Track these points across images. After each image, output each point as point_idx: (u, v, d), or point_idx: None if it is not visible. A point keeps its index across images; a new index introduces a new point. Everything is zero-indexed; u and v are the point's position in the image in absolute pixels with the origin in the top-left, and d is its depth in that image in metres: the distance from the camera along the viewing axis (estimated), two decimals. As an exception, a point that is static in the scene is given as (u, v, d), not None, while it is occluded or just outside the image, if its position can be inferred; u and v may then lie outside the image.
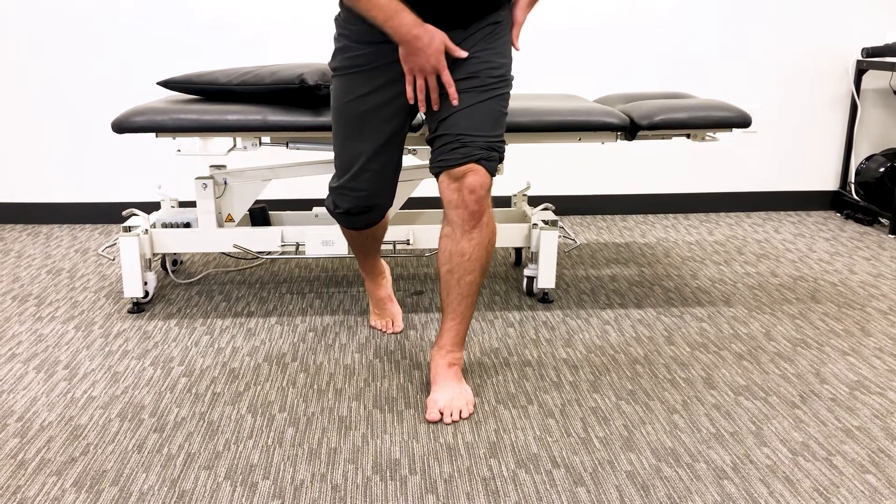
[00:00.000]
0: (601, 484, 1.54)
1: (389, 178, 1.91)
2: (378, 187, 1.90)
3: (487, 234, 1.77)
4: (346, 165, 1.89)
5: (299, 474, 1.57)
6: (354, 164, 1.87)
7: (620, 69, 3.40)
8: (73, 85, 3.25)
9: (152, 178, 3.38)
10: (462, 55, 1.71)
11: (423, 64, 1.68)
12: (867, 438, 1.71)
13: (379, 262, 2.23)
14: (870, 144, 3.61)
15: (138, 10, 3.18)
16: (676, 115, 2.27)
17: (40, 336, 2.21)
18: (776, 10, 3.40)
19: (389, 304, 2.28)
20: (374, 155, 1.85)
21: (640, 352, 2.13)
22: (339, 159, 1.91)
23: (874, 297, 2.54)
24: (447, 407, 1.77)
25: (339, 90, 1.85)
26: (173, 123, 2.17)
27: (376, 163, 1.86)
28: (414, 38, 1.64)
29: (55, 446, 1.66)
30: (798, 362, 2.07)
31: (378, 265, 2.23)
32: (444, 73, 1.69)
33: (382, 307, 2.28)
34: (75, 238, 3.17)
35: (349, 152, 1.87)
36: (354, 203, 1.92)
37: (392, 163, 1.89)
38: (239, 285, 2.62)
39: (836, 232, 3.30)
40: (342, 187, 1.91)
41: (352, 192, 1.91)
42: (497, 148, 1.74)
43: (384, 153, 1.86)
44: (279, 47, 3.25)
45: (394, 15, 1.61)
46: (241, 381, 1.95)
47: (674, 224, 3.41)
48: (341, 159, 1.90)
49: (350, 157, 1.87)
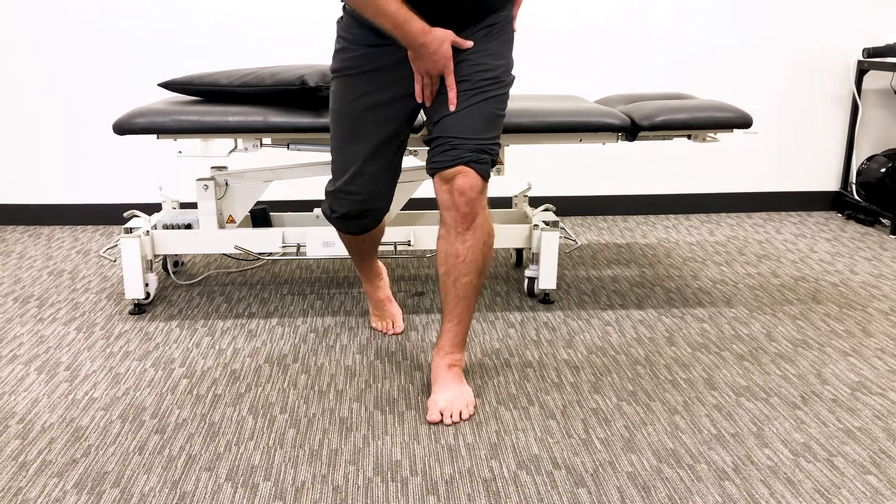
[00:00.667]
0: (602, 485, 1.54)
1: (387, 182, 1.90)
2: (375, 191, 1.89)
3: (482, 237, 1.76)
4: (343, 168, 1.88)
5: (300, 476, 1.57)
6: (351, 167, 1.86)
7: (621, 70, 3.40)
8: (74, 86, 3.25)
9: (153, 179, 3.38)
10: (468, 45, 1.73)
11: (429, 68, 1.70)
12: (868, 439, 1.71)
13: (376, 264, 2.23)
14: (871, 145, 3.60)
15: (140, 11, 3.18)
16: (677, 115, 2.27)
17: (42, 337, 2.22)
18: (777, 11, 3.40)
19: (389, 305, 2.28)
20: (370, 157, 1.85)
21: (641, 353, 2.13)
22: (335, 162, 1.90)
23: (875, 298, 2.54)
24: (447, 408, 1.77)
25: (337, 92, 1.85)
26: (174, 125, 2.17)
27: (373, 165, 1.86)
28: (421, 46, 1.66)
29: (56, 448, 1.66)
30: (799, 363, 2.07)
31: (375, 267, 2.23)
32: (448, 76, 1.71)
33: (382, 308, 2.28)
34: (77, 239, 3.17)
35: (346, 154, 1.87)
36: (350, 207, 1.91)
37: (389, 166, 1.88)
38: (240, 286, 2.62)
39: (837, 232, 3.30)
40: (338, 191, 1.90)
41: (348, 196, 1.90)
42: (488, 150, 1.73)
43: (381, 155, 1.86)
44: (280, 49, 3.25)
45: (402, 23, 1.62)
46: (243, 382, 1.95)
47: (675, 225, 3.41)
48: (338, 162, 1.89)
49: (347, 159, 1.87)
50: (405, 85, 1.79)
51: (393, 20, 1.62)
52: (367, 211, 1.93)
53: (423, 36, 1.65)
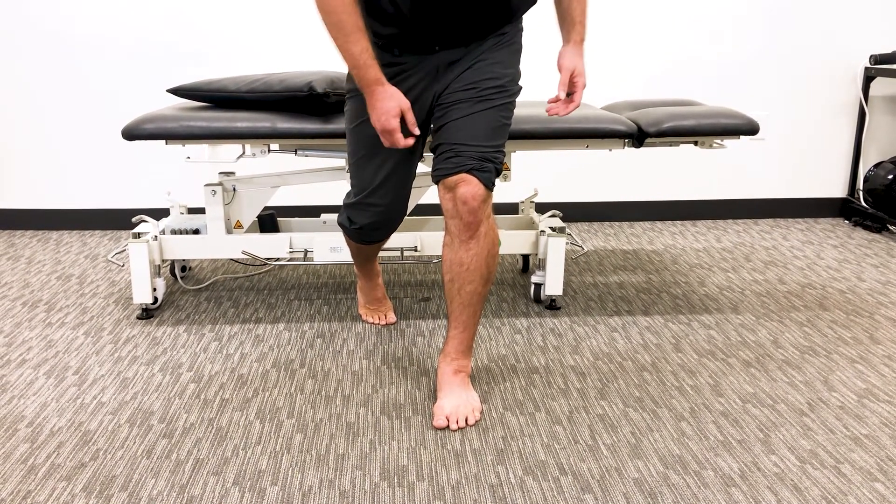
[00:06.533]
0: (609, 491, 1.54)
1: (405, 192, 1.95)
2: (394, 202, 1.94)
3: (486, 245, 1.76)
4: (363, 185, 1.93)
5: (307, 480, 1.57)
6: (372, 182, 1.91)
7: (628, 76, 3.41)
8: (82, 92, 3.27)
9: (162, 184, 3.39)
10: (416, 132, 1.72)
11: (374, 120, 1.70)
12: (875, 446, 1.70)
13: (376, 264, 2.31)
14: (878, 151, 3.60)
15: (148, 17, 3.20)
16: (684, 122, 2.28)
17: (50, 342, 2.23)
18: (783, 18, 3.40)
19: (384, 301, 2.37)
20: (390, 172, 1.89)
21: (647, 359, 2.13)
22: (354, 178, 1.95)
23: (883, 305, 2.53)
24: (453, 413, 1.77)
25: (352, 111, 1.89)
26: (183, 131, 2.18)
27: (393, 178, 1.90)
28: (368, 95, 1.68)
29: (65, 452, 1.67)
30: (806, 370, 2.07)
31: (375, 266, 2.30)
32: (395, 134, 1.69)
33: (378, 304, 2.35)
34: (85, 244, 3.19)
35: (365, 171, 1.91)
36: (372, 218, 1.97)
37: (408, 178, 1.93)
38: (247, 291, 2.63)
39: (844, 239, 3.29)
40: (359, 203, 1.95)
41: (370, 208, 1.95)
42: (492, 158, 1.72)
43: (400, 169, 1.90)
44: (288, 55, 3.26)
45: (360, 67, 1.64)
46: (250, 387, 1.96)
47: (681, 231, 3.41)
48: (357, 178, 1.94)
49: (366, 175, 1.91)
50: (419, 103, 1.81)
51: (354, 61, 1.64)
52: (387, 220, 1.98)
53: (374, 86, 1.66)
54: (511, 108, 1.79)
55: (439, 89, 1.79)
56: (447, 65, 1.77)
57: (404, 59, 1.77)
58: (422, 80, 1.79)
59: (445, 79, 1.78)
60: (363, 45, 1.63)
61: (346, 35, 1.61)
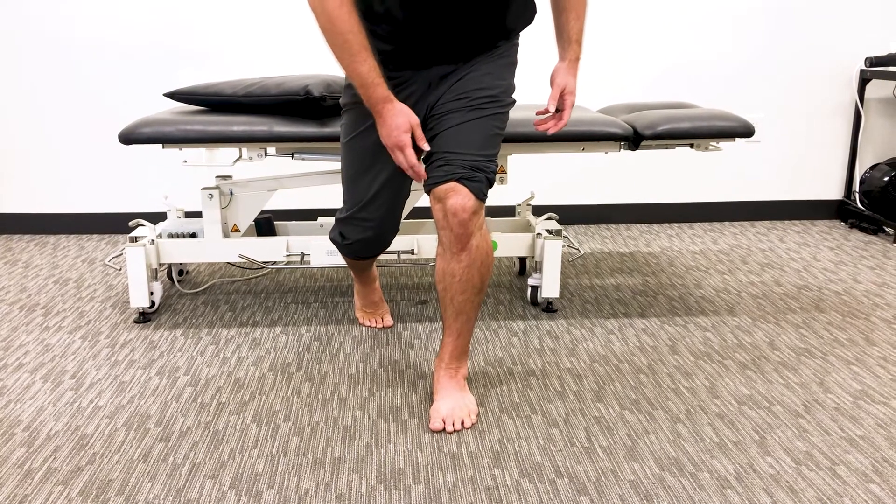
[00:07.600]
0: (604, 493, 1.55)
1: (398, 207, 1.95)
2: (387, 217, 1.94)
3: (479, 257, 1.73)
4: (356, 199, 1.93)
5: (304, 483, 1.58)
6: (364, 196, 1.91)
7: (623, 79, 3.41)
8: (79, 96, 3.27)
9: (158, 188, 3.40)
10: (426, 148, 1.71)
11: (384, 137, 1.69)
12: (871, 448, 1.71)
13: (373, 269, 2.31)
14: (874, 153, 3.61)
15: (145, 21, 3.20)
16: (680, 124, 2.28)
17: (47, 346, 2.23)
18: (779, 20, 3.41)
19: (381, 304, 2.37)
20: (382, 187, 1.89)
21: (643, 361, 2.13)
22: (347, 192, 1.94)
23: (878, 307, 2.54)
24: (449, 416, 1.78)
25: (347, 125, 1.89)
26: (180, 134, 2.18)
27: (387, 192, 1.90)
28: (377, 114, 1.67)
29: (62, 455, 1.67)
30: (802, 371, 2.07)
31: (373, 271, 2.31)
32: (406, 149, 1.68)
33: (375, 307, 2.36)
34: (82, 248, 3.19)
35: (357, 185, 1.91)
36: (364, 234, 1.97)
37: (401, 192, 1.93)
38: (244, 295, 2.63)
39: (840, 241, 3.30)
40: (352, 217, 1.95)
41: (362, 223, 1.94)
42: (482, 168, 1.70)
43: (392, 184, 1.90)
44: (285, 59, 3.27)
45: (368, 86, 1.64)
46: (246, 390, 1.96)
47: (678, 233, 3.42)
48: (350, 192, 1.93)
49: (359, 189, 1.91)
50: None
51: (362, 80, 1.63)
52: (379, 236, 1.98)
53: (383, 104, 1.66)
54: (504, 118, 1.78)
55: (432, 101, 1.79)
56: (440, 78, 1.78)
57: (399, 73, 1.78)
58: (415, 93, 1.79)
59: (438, 90, 1.78)
60: (370, 63, 1.61)
61: (352, 55, 1.61)
